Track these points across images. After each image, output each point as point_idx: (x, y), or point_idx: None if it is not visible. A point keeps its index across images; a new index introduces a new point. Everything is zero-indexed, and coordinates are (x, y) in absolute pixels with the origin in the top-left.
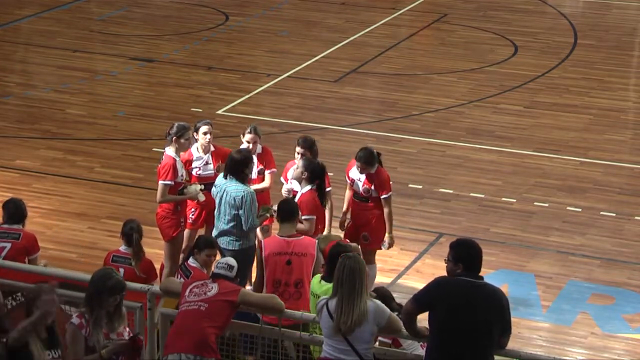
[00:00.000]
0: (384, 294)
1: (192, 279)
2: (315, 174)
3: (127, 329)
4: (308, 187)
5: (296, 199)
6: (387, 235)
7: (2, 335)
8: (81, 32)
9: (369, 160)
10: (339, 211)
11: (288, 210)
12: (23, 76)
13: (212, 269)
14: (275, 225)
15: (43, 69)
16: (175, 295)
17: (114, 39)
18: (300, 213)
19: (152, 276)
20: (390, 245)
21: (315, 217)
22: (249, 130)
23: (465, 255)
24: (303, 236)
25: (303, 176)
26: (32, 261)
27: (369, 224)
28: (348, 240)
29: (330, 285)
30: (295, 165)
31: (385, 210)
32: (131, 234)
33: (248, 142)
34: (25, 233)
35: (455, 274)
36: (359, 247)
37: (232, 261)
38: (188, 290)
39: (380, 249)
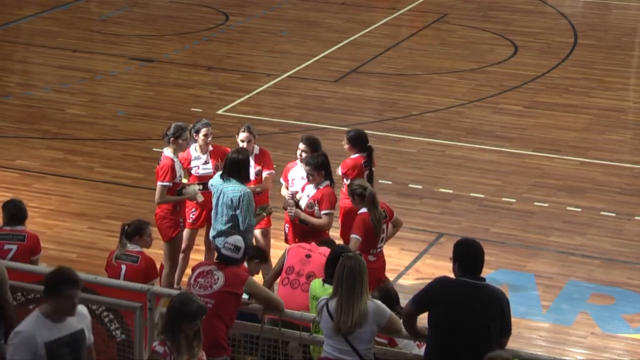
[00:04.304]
0: (389, 294)
1: (200, 264)
2: (326, 166)
3: (203, 352)
4: (326, 183)
5: (311, 195)
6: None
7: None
8: (81, 32)
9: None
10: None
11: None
12: (23, 76)
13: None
14: (275, 228)
15: (43, 69)
16: None
17: (114, 39)
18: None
19: (153, 275)
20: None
21: (333, 212)
22: (242, 129)
23: (465, 255)
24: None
25: (320, 175)
26: (33, 261)
27: None
28: None
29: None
30: (297, 166)
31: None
32: (125, 229)
33: (242, 141)
34: (29, 234)
35: (456, 275)
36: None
37: (239, 241)
38: (193, 278)
39: None
